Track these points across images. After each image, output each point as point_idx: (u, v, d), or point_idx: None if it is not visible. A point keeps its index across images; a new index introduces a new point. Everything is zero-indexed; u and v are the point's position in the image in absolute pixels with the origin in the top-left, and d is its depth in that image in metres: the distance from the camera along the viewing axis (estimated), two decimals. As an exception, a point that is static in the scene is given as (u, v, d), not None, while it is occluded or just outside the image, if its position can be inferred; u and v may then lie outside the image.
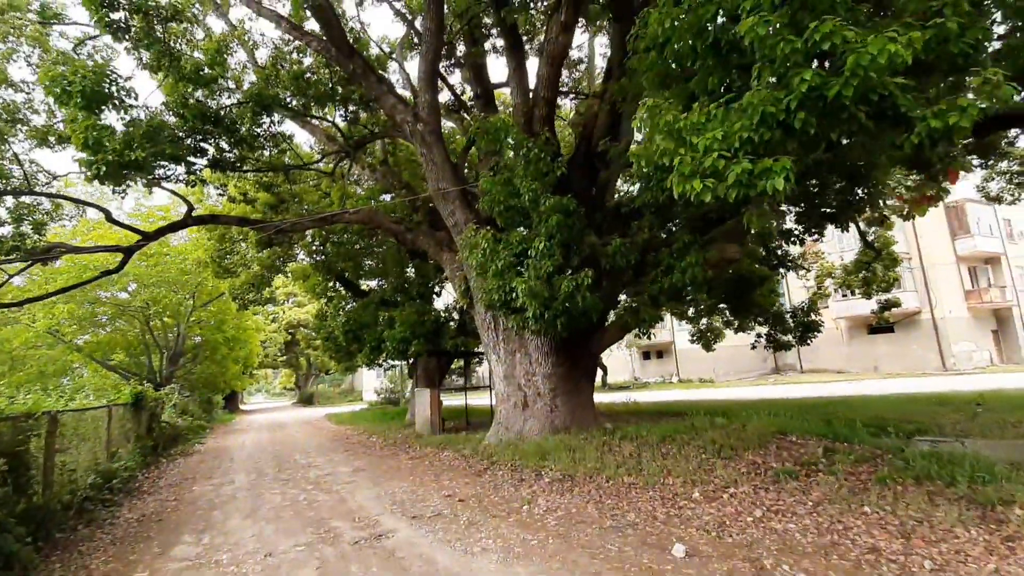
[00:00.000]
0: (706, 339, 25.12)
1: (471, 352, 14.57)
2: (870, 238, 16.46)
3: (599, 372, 41.87)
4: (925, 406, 13.18)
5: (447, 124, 14.32)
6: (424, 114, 10.54)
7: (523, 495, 6.88)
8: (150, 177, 11.16)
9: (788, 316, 13.76)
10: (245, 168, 12.27)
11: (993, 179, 16.39)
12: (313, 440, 16.20)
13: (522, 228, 7.66)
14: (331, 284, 19.79)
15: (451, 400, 21.83)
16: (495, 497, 6.93)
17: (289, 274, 19.82)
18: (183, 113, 10.23)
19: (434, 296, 16.26)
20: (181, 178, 11.69)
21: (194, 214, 12.53)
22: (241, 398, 57.91)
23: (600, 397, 26.61)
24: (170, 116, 10.81)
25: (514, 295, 7.28)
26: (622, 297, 10.23)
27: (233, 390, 38.93)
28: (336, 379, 64.38)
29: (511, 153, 8.23)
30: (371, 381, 52.61)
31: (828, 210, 8.53)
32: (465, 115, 13.53)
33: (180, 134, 10.73)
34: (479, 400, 19.87)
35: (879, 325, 30.19)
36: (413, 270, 15.37)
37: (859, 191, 7.87)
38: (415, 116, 10.50)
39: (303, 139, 24.25)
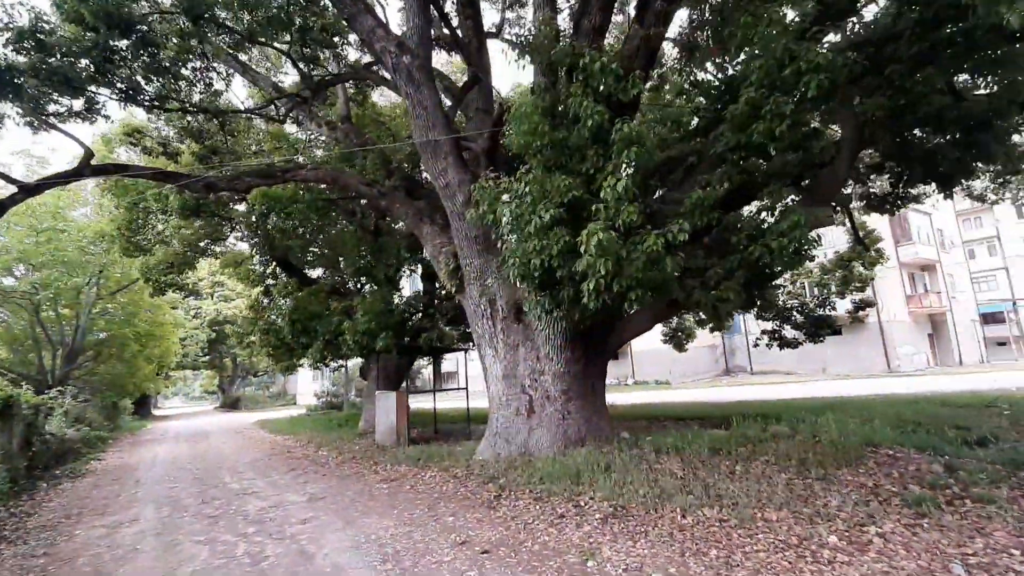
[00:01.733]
0: (678, 339, 24.12)
1: (446, 348, 12.41)
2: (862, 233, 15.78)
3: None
4: (932, 408, 12.35)
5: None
6: (412, 44, 8.32)
7: (573, 541, 4.88)
8: (33, 109, 8.29)
9: (797, 311, 12.59)
10: (168, 107, 9.49)
11: (978, 177, 16.20)
12: (246, 454, 13.37)
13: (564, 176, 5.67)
14: (271, 269, 16.91)
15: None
16: (533, 546, 4.89)
17: (218, 258, 16.71)
18: (82, 15, 7.46)
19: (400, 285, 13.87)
20: (79, 113, 8.84)
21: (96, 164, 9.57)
22: (155, 402, 51.96)
23: None
24: (63, 25, 8.01)
25: (559, 263, 5.29)
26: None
27: (145, 393, 34.17)
28: (265, 381, 59.49)
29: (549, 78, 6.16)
30: (307, 384, 48.58)
31: (939, 169, 7.05)
32: (457, 55, 11.28)
33: (77, 49, 7.94)
34: (426, 403, 17.57)
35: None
36: (371, 255, 12.89)
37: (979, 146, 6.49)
38: (400, 46, 8.25)
39: (241, 94, 21.04)
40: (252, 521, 6.50)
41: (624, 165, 4.91)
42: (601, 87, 5.50)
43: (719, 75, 6.75)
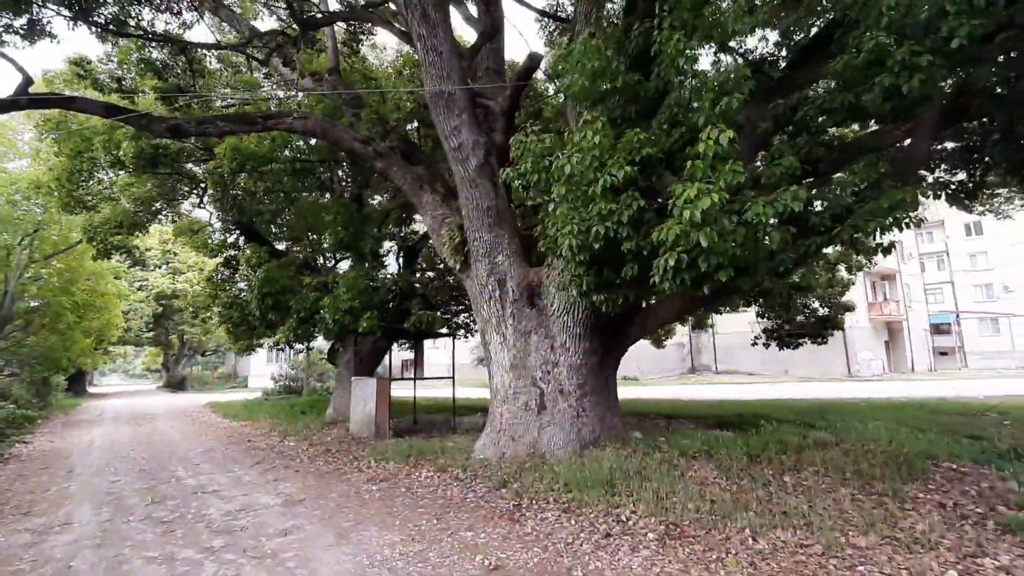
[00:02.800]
0: (657, 335, 23.78)
1: (433, 332, 11.36)
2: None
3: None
4: (928, 415, 12.20)
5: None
6: (427, -25, 7.17)
7: (634, 570, 4.02)
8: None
9: (800, 309, 12.15)
10: (127, 32, 7.99)
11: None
12: (199, 441, 11.95)
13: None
14: (234, 238, 15.34)
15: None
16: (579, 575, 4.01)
17: (175, 221, 14.98)
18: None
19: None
20: (19, 32, 7.32)
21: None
22: (91, 379, 48.34)
23: None
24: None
25: (627, 232, 4.37)
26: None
27: (80, 369, 31.40)
28: (214, 362, 56.47)
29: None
30: (262, 366, 46.16)
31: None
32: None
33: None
34: (406, 392, 16.42)
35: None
36: (354, 227, 11.59)
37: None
38: (414, -22, 7.09)
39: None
40: (218, 530, 5.34)
41: (722, 116, 4.01)
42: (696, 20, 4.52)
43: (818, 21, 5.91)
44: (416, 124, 9.27)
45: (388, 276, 11.35)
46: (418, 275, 14.77)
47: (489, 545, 4.59)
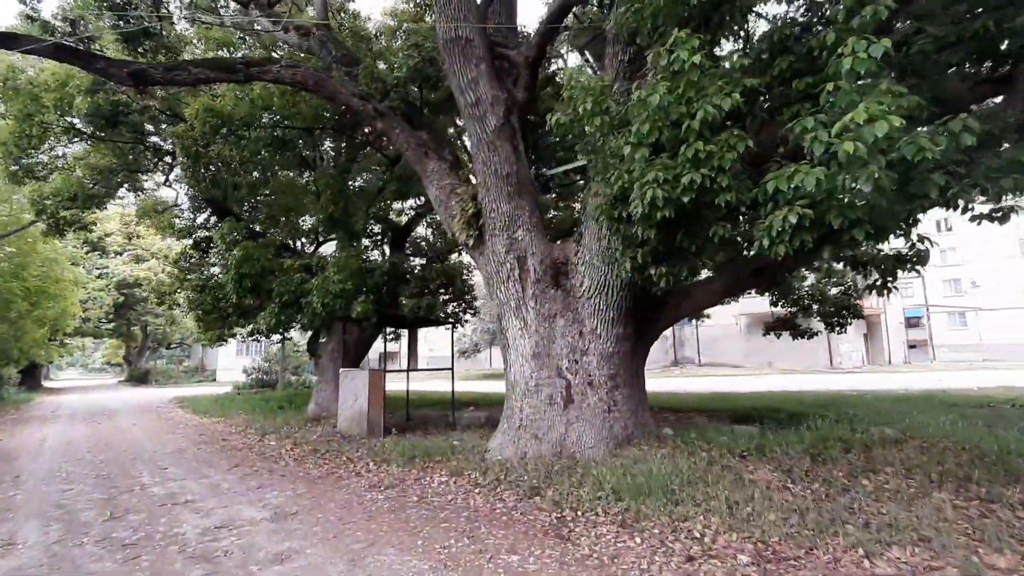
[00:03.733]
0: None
1: (432, 320, 10.34)
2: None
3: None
4: (945, 407, 11.80)
5: None
6: None
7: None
8: None
9: (816, 297, 11.54)
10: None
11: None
12: (167, 441, 10.72)
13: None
14: (205, 217, 14.04)
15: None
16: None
17: (139, 194, 13.57)
18: None
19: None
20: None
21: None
22: (46, 372, 45.62)
23: (492, 385, 22.90)
24: None
25: (727, 182, 3.49)
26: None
27: (34, 362, 29.24)
28: (179, 355, 54.05)
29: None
30: (231, 358, 44.19)
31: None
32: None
33: None
34: (391, 385, 15.40)
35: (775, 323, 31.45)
36: (345, 203, 10.45)
37: None
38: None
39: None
40: (195, 556, 4.32)
41: (862, 31, 3.15)
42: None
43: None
44: (419, 85, 8.22)
45: (381, 258, 10.29)
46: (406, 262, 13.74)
47: (544, 574, 3.71)
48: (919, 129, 3.30)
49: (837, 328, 11.28)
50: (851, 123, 2.81)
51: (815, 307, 11.54)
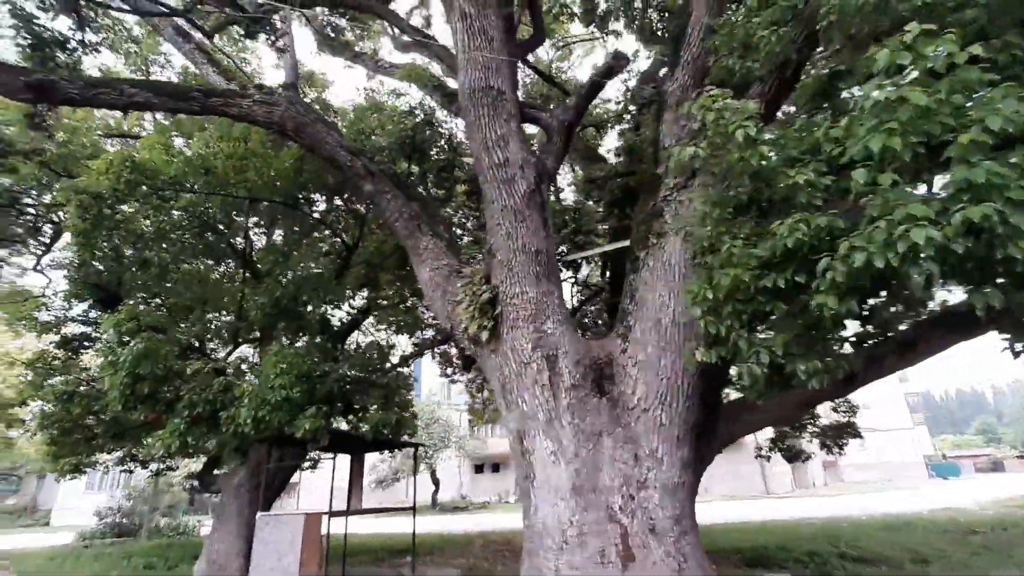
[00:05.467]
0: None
1: (396, 442, 7.98)
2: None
3: (431, 488, 34.39)
4: (928, 536, 11.04)
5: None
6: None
7: None
8: None
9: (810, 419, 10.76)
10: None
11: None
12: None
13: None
14: (83, 307, 11.28)
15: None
16: None
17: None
18: None
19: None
20: None
21: None
22: None
23: (432, 523, 19.74)
24: None
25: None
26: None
27: None
28: (2, 489, 42.82)
29: None
30: (76, 496, 35.25)
31: None
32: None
33: None
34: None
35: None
36: (293, 287, 8.38)
37: None
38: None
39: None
40: None
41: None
42: None
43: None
44: (407, 156, 6.98)
45: (344, 355, 8.14)
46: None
47: None
48: None
49: (837, 450, 10.41)
50: None
51: (810, 428, 10.73)
